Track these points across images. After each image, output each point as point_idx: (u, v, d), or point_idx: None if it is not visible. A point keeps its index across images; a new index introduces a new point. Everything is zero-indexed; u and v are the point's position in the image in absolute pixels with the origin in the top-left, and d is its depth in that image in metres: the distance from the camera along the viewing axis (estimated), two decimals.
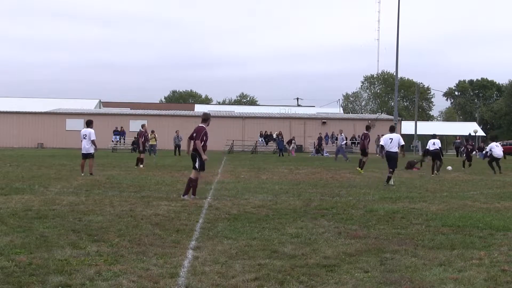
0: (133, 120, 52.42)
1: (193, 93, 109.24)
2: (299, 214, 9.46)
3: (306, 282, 5.24)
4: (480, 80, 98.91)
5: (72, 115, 52.38)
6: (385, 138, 16.03)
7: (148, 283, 5.08)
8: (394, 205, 10.88)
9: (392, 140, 15.76)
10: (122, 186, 13.88)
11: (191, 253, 6.31)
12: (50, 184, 13.75)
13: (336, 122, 54.62)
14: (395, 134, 16.18)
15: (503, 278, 5.45)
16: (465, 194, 13.39)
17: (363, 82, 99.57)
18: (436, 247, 6.87)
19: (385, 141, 15.90)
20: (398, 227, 8.33)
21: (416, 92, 70.91)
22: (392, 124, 17.61)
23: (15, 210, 9.23)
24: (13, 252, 6.13)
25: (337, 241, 7.16)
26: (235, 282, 5.17)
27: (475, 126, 64.35)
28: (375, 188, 14.32)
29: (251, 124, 52.55)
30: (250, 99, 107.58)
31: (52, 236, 7.11)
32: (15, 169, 18.95)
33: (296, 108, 77.38)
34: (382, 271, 5.66)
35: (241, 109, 72.52)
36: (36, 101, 64.15)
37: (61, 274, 5.32)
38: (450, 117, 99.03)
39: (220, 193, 12.62)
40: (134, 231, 7.57)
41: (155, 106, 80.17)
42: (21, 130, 50.84)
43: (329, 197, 12.18)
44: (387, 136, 16.03)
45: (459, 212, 9.98)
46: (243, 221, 8.62)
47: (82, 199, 10.94)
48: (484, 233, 7.87)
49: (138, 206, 10.04)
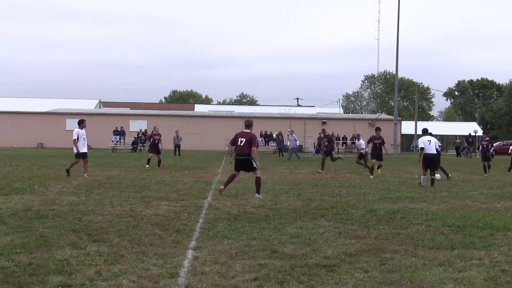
0: (133, 120, 52.47)
1: (193, 93, 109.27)
2: (299, 214, 9.46)
3: (306, 282, 5.23)
4: (480, 80, 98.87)
5: (72, 115, 52.37)
6: (424, 140, 15.58)
7: (148, 283, 5.08)
8: (394, 205, 10.88)
9: (430, 142, 15.47)
10: (122, 186, 13.88)
11: (191, 253, 6.31)
12: (50, 184, 13.75)
13: (336, 122, 54.68)
14: (432, 137, 15.87)
15: (503, 278, 5.45)
16: (465, 194, 13.39)
17: (363, 82, 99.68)
18: (436, 247, 6.87)
19: (424, 143, 15.47)
20: (398, 227, 8.33)
21: (416, 92, 70.96)
22: (424, 127, 16.84)
23: (15, 210, 9.23)
24: (13, 252, 6.13)
25: (337, 241, 7.16)
26: (235, 282, 5.17)
27: (475, 126, 64.33)
28: (375, 188, 14.32)
29: None
30: (250, 99, 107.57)
31: (52, 236, 7.11)
32: (15, 169, 18.95)
33: (296, 108, 77.38)
34: (382, 271, 5.66)
35: (241, 109, 72.55)
36: (36, 101, 64.20)
37: (61, 274, 5.31)
38: (450, 117, 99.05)
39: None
40: (134, 231, 7.57)
41: (155, 106, 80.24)
42: (21, 130, 50.86)
43: (329, 197, 12.18)
44: (425, 138, 15.64)
45: (459, 212, 9.98)
46: (243, 221, 8.62)
47: (82, 199, 10.94)
48: (484, 233, 7.86)
49: (138, 206, 10.04)
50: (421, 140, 15.77)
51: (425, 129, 16.55)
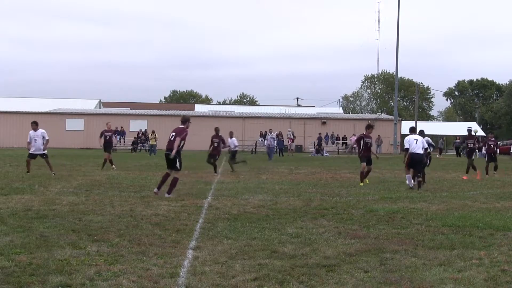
0: (133, 120, 52.46)
1: (193, 93, 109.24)
2: (299, 214, 9.46)
3: (306, 282, 5.23)
4: (480, 80, 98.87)
5: (72, 115, 52.40)
6: (410, 139, 14.71)
7: (148, 283, 5.08)
8: (394, 205, 10.88)
9: (417, 141, 14.60)
10: (122, 186, 13.88)
11: (191, 253, 6.31)
12: (50, 184, 13.75)
13: (336, 122, 54.68)
14: (420, 136, 14.91)
15: (503, 278, 5.45)
16: (465, 194, 13.39)
17: (363, 82, 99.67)
18: (436, 247, 6.87)
19: (410, 142, 14.64)
20: (398, 227, 8.33)
21: (416, 92, 70.93)
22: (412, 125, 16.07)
23: (15, 210, 9.23)
24: (13, 252, 6.13)
25: (337, 241, 7.16)
26: (235, 282, 5.17)
27: (475, 126, 64.31)
28: (375, 188, 14.31)
29: (251, 124, 52.55)
30: (250, 99, 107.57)
31: (52, 236, 7.11)
32: (15, 169, 18.94)
33: (296, 108, 77.38)
34: (382, 271, 5.66)
35: (241, 109, 72.52)
36: (36, 101, 64.16)
37: (61, 274, 5.32)
38: (450, 117, 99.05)
39: (220, 193, 12.62)
40: (134, 231, 7.57)
41: (155, 106, 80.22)
42: (21, 130, 50.75)
43: (329, 197, 12.18)
44: (411, 137, 14.76)
45: (459, 212, 9.98)
46: (243, 221, 8.62)
47: (82, 199, 10.94)
48: (484, 233, 7.86)
49: (138, 206, 10.04)
50: (407, 139, 14.82)
51: (412, 127, 15.77)
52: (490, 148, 21.04)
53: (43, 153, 16.78)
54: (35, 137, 16.80)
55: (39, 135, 16.85)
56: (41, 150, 16.74)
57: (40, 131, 16.89)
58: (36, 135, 16.82)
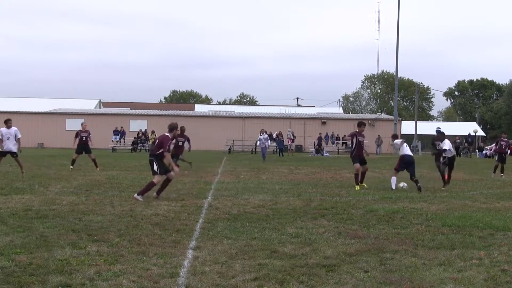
0: (133, 120, 52.47)
1: (193, 93, 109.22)
2: (299, 214, 9.46)
3: (306, 282, 5.24)
4: (480, 80, 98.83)
5: (72, 115, 52.38)
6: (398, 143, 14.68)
7: (148, 283, 5.09)
8: (394, 205, 10.88)
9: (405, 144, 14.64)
10: (122, 186, 13.89)
11: (191, 253, 6.31)
12: (50, 184, 13.76)
13: (336, 122, 54.67)
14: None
15: (503, 278, 5.46)
16: (465, 194, 13.39)
17: (363, 82, 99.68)
18: (436, 247, 6.88)
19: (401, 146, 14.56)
20: (398, 227, 8.33)
21: (416, 92, 70.88)
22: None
23: (15, 210, 9.23)
24: (13, 252, 6.13)
25: (337, 241, 7.16)
26: (235, 282, 5.17)
27: (475, 126, 64.34)
28: (375, 188, 14.31)
29: (251, 124, 52.54)
30: (250, 99, 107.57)
31: (52, 236, 7.11)
32: (15, 169, 18.93)
33: (296, 108, 77.37)
34: (382, 271, 5.66)
35: (241, 109, 72.51)
36: (36, 101, 64.16)
37: (61, 274, 5.32)
38: (450, 117, 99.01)
39: (220, 193, 12.62)
40: (134, 231, 7.58)
41: (155, 106, 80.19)
42: (21, 130, 50.41)
43: (329, 197, 12.18)
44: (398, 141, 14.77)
45: (459, 212, 9.98)
46: (243, 221, 8.63)
47: (82, 199, 10.95)
48: (484, 233, 7.87)
49: (138, 206, 10.05)
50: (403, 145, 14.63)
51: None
52: (501, 148, 20.30)
53: (14, 151, 16.76)
54: (7, 134, 16.84)
55: (12, 133, 16.91)
56: (13, 149, 16.72)
57: (13, 129, 16.98)
58: (9, 133, 16.85)
